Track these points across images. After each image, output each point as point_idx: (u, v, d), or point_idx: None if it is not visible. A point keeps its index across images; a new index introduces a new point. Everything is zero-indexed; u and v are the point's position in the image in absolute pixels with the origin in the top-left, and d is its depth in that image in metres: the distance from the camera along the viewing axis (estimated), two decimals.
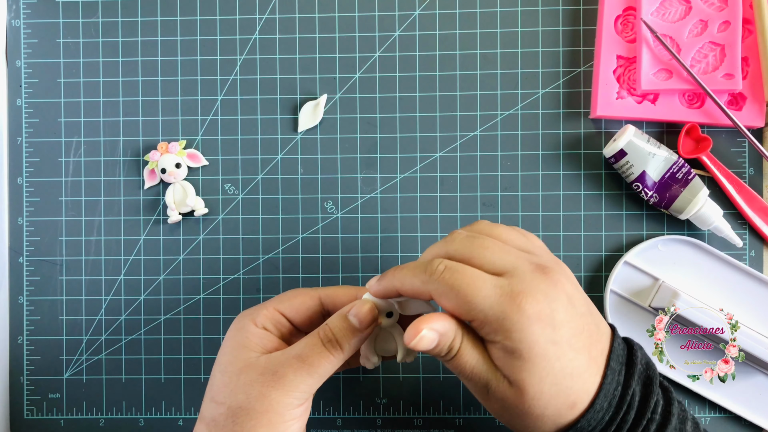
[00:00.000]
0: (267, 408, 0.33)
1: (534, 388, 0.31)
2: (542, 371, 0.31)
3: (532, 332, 0.30)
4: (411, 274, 0.33)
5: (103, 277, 0.50)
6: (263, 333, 0.36)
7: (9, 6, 0.51)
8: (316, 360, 0.34)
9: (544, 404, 0.31)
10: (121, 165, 0.50)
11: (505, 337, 0.31)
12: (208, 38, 0.50)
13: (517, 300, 0.31)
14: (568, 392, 0.31)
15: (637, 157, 0.45)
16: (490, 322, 0.31)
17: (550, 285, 0.32)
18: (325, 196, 0.49)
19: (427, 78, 0.49)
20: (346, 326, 0.35)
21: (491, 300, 0.31)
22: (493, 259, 0.33)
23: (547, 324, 0.31)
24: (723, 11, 0.46)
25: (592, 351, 0.32)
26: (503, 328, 0.31)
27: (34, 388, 0.50)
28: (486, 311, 0.31)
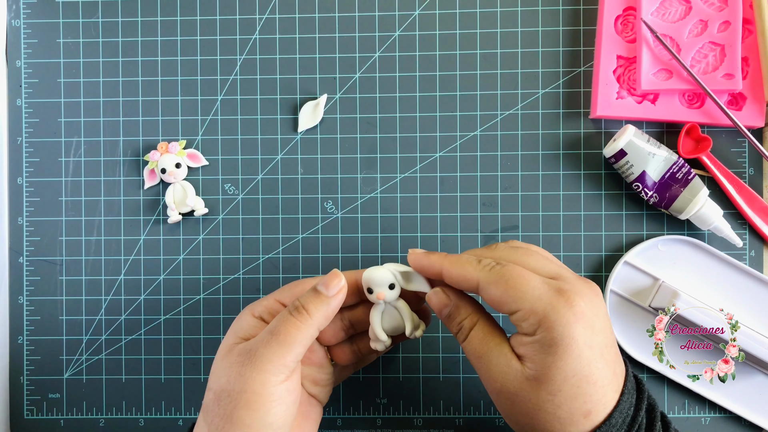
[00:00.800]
0: (243, 387, 0.33)
1: (555, 384, 0.31)
2: (570, 370, 0.31)
3: (575, 329, 0.31)
4: (463, 260, 0.34)
5: (103, 277, 0.50)
6: (257, 322, 0.37)
7: (9, 6, 0.51)
8: (283, 329, 0.34)
9: (559, 403, 0.31)
10: (121, 165, 0.50)
11: (548, 329, 0.31)
12: (208, 38, 0.50)
13: (566, 296, 0.32)
14: (586, 398, 0.32)
15: (637, 157, 0.45)
16: (536, 312, 0.31)
17: (594, 293, 0.33)
18: (325, 196, 0.49)
19: (427, 78, 0.49)
20: (314, 294, 0.35)
21: (540, 292, 0.32)
22: (537, 266, 0.34)
23: (588, 326, 0.31)
24: (723, 11, 0.46)
25: (616, 368, 0.33)
26: (548, 320, 0.31)
27: (34, 388, 0.50)
28: (534, 302, 0.32)
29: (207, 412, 0.34)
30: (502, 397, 0.33)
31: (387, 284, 0.36)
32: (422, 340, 0.49)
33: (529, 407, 0.32)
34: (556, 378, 0.31)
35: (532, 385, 0.32)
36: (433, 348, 0.49)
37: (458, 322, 0.35)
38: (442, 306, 0.36)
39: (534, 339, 0.32)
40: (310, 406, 0.39)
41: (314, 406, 0.39)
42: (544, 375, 0.31)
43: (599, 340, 0.32)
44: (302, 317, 0.34)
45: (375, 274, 0.36)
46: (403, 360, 0.49)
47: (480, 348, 0.34)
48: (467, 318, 0.35)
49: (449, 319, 0.36)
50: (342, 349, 0.40)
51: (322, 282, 0.35)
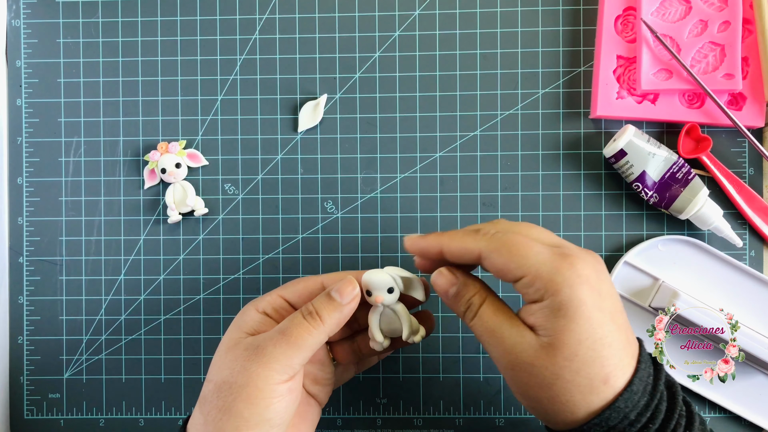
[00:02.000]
0: (247, 381, 0.33)
1: (570, 349, 0.31)
2: (584, 333, 0.31)
3: (582, 291, 0.31)
4: (461, 233, 0.34)
5: (103, 277, 0.50)
6: (261, 317, 0.37)
7: (9, 6, 0.51)
8: (295, 331, 0.34)
9: (577, 368, 0.31)
10: (121, 165, 0.50)
11: (555, 293, 0.31)
12: (208, 38, 0.50)
13: (569, 260, 0.31)
14: (604, 362, 0.31)
15: (637, 157, 0.45)
16: (542, 277, 0.31)
17: (596, 260, 0.33)
18: (325, 196, 0.49)
19: (427, 78, 0.49)
20: (328, 300, 0.35)
21: (544, 256, 0.32)
22: (540, 236, 0.34)
23: (594, 290, 0.31)
24: (723, 11, 0.46)
25: (629, 335, 0.33)
26: (554, 283, 0.31)
27: (34, 388, 0.50)
28: (538, 266, 0.31)
29: (204, 402, 0.34)
30: (519, 371, 0.32)
31: (386, 288, 0.36)
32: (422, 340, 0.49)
33: (546, 377, 0.31)
34: (571, 342, 0.31)
35: (548, 353, 0.31)
36: (433, 348, 0.49)
37: (467, 300, 0.35)
38: (449, 285, 0.35)
39: (542, 305, 0.31)
40: (308, 406, 0.39)
41: (312, 406, 0.39)
42: (558, 340, 0.31)
43: (608, 304, 0.32)
44: (315, 323, 0.35)
45: (374, 277, 0.36)
46: (403, 360, 0.49)
47: (492, 322, 0.33)
48: (476, 294, 0.35)
49: (456, 298, 0.35)
50: (343, 346, 0.40)
51: (336, 289, 0.35)
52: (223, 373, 0.34)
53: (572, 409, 0.31)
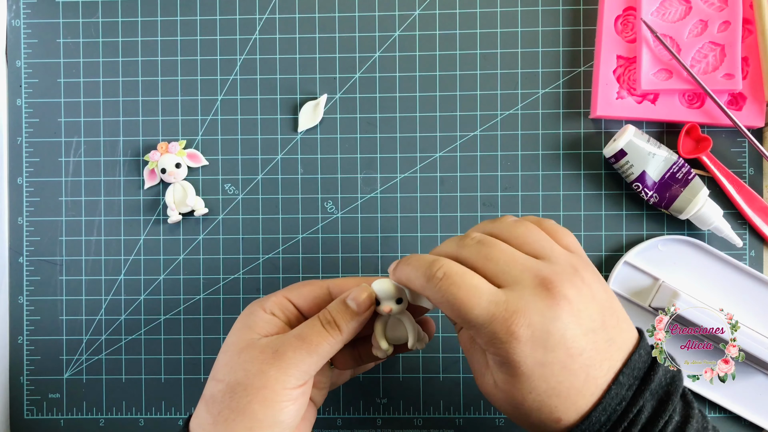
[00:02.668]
0: (264, 384, 0.33)
1: (519, 397, 0.32)
2: (526, 388, 0.31)
3: (519, 353, 0.30)
4: (415, 274, 0.34)
5: (103, 277, 0.50)
6: (270, 318, 0.37)
7: (9, 6, 0.51)
8: (315, 339, 0.34)
9: (527, 411, 0.32)
10: (121, 165, 0.50)
11: (495, 352, 0.31)
12: (208, 38, 0.50)
13: (510, 321, 0.30)
14: (552, 410, 0.32)
15: (637, 157, 0.45)
16: (482, 336, 0.31)
17: (550, 304, 0.31)
18: (325, 196, 0.49)
19: (427, 78, 0.49)
20: (345, 309, 0.36)
21: (484, 317, 0.31)
22: (496, 271, 0.32)
23: (538, 345, 0.30)
24: (723, 11, 0.46)
25: (593, 371, 0.31)
26: (493, 344, 0.31)
27: (34, 388, 0.50)
28: (478, 327, 0.31)
29: (214, 403, 0.34)
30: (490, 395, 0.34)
31: (395, 298, 0.36)
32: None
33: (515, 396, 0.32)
34: (516, 394, 0.32)
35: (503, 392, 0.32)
36: (433, 348, 0.49)
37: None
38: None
39: (490, 354, 0.32)
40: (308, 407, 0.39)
41: (310, 407, 0.40)
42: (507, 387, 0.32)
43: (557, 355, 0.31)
44: (334, 331, 0.35)
45: (384, 287, 0.36)
46: (403, 360, 0.49)
47: (465, 346, 0.35)
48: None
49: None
50: (343, 353, 0.40)
51: (351, 297, 0.36)
52: (237, 374, 0.34)
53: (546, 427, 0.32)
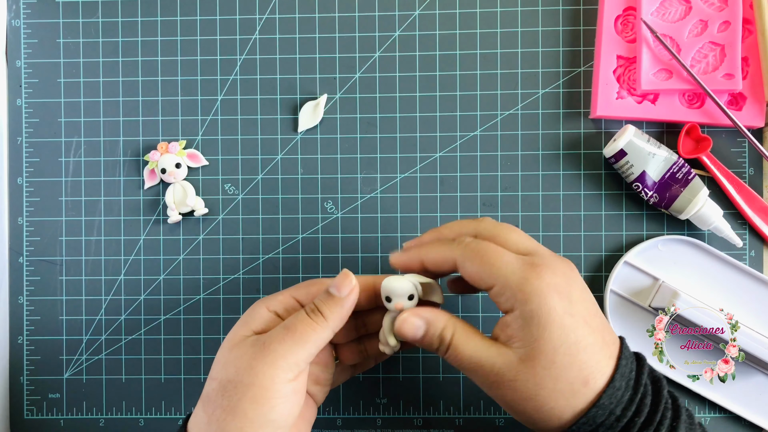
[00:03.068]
0: (253, 380, 0.33)
1: (547, 357, 0.31)
2: (557, 339, 0.32)
3: (551, 299, 0.32)
4: (438, 244, 0.35)
5: (103, 277, 0.50)
6: (272, 317, 0.37)
7: (9, 6, 0.51)
8: (300, 328, 0.34)
9: (556, 375, 0.32)
10: (121, 165, 0.50)
11: (525, 302, 0.32)
12: (208, 38, 0.50)
13: (538, 269, 0.33)
14: (582, 366, 0.32)
15: (637, 157, 0.45)
16: (511, 286, 0.32)
17: (568, 267, 0.34)
18: (325, 196, 0.49)
19: (427, 78, 0.49)
20: (328, 297, 0.35)
21: (513, 266, 0.33)
22: (516, 240, 0.35)
23: (564, 296, 0.32)
24: (723, 11, 0.46)
25: (606, 336, 0.33)
26: (523, 292, 0.32)
27: (34, 388, 0.50)
28: (508, 275, 0.33)
29: (208, 402, 0.34)
30: (503, 389, 0.33)
31: (407, 295, 0.36)
32: None
33: (530, 389, 0.32)
34: (546, 350, 0.32)
35: (527, 365, 0.32)
36: None
37: (438, 336, 0.35)
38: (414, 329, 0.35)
39: (515, 315, 0.32)
40: (307, 405, 0.39)
41: (310, 406, 0.39)
42: (534, 350, 0.32)
43: (580, 309, 0.33)
44: (318, 319, 0.35)
45: (396, 284, 0.36)
46: (403, 360, 0.49)
47: (467, 350, 0.34)
48: (444, 328, 0.35)
49: (426, 338, 0.35)
50: (350, 348, 0.40)
51: (333, 285, 0.36)
52: (228, 371, 0.34)
53: (558, 414, 0.32)
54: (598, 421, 0.32)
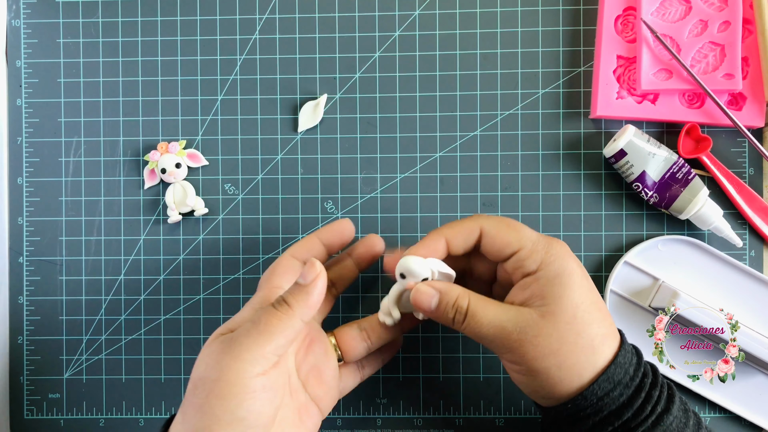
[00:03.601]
0: (219, 375, 0.32)
1: (569, 312, 0.34)
2: (578, 297, 0.34)
3: (571, 262, 0.35)
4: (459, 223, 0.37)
5: (103, 277, 0.50)
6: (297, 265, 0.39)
7: (9, 6, 0.51)
8: (265, 319, 0.33)
9: (577, 330, 0.34)
10: (121, 165, 0.50)
11: (550, 263, 0.35)
12: (208, 38, 0.50)
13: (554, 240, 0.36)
14: (600, 323, 0.35)
15: (637, 157, 0.45)
16: (538, 249, 0.35)
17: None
18: (325, 196, 0.49)
19: (427, 78, 0.49)
20: (296, 286, 0.35)
21: (535, 234, 0.36)
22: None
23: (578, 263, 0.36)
24: (723, 11, 0.46)
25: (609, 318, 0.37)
26: (549, 254, 0.35)
27: (34, 388, 0.50)
28: (533, 239, 0.36)
29: (184, 401, 0.34)
30: (525, 346, 0.34)
31: (422, 278, 0.36)
32: (422, 340, 0.49)
33: (552, 343, 0.33)
34: (569, 306, 0.34)
35: (549, 320, 0.33)
36: (433, 348, 0.49)
37: (453, 305, 0.36)
38: (430, 296, 0.36)
39: (538, 276, 0.35)
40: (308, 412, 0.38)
41: (312, 414, 0.38)
42: (557, 306, 0.34)
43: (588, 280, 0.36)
44: (283, 308, 0.34)
45: (414, 266, 0.36)
46: (403, 360, 0.49)
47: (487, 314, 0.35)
48: (459, 296, 0.36)
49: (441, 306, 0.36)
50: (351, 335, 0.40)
51: (301, 274, 0.35)
52: (199, 368, 0.33)
53: (580, 371, 0.34)
54: (617, 379, 0.34)
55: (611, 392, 0.34)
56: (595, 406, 0.34)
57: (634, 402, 0.34)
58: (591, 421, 0.34)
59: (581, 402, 0.34)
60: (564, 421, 0.35)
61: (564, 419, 0.35)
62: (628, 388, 0.34)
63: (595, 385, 0.34)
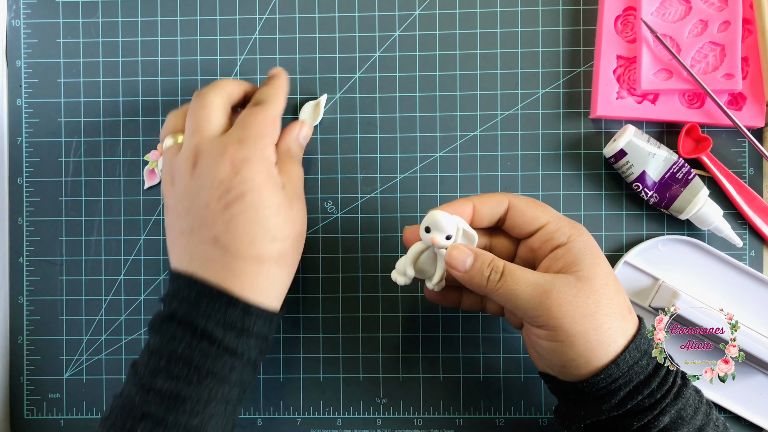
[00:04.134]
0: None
1: (603, 279, 0.35)
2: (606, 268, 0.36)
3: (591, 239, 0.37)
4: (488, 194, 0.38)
5: (103, 277, 0.50)
6: None
7: (9, 6, 0.51)
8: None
9: (611, 296, 0.35)
10: (121, 165, 0.50)
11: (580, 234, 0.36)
12: (208, 38, 0.50)
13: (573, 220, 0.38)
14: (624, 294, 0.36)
15: (637, 157, 0.45)
16: (566, 222, 0.37)
17: None
18: (325, 196, 0.49)
19: (427, 78, 0.49)
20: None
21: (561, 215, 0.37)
22: None
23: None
24: (723, 11, 0.46)
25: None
26: (576, 227, 0.36)
27: (34, 388, 0.50)
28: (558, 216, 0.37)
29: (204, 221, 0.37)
30: (564, 306, 0.34)
31: (447, 233, 0.36)
32: (422, 339, 0.49)
33: (590, 305, 0.34)
34: (602, 274, 0.35)
35: (586, 284, 0.34)
36: (433, 348, 0.49)
37: (488, 264, 0.36)
38: (465, 255, 0.36)
39: (569, 246, 0.36)
40: None
41: None
42: (593, 272, 0.35)
43: None
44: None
45: (441, 219, 0.36)
46: (403, 360, 0.49)
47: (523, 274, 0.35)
48: (494, 258, 0.36)
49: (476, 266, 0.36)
50: None
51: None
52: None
53: (614, 336, 0.34)
54: (643, 349, 0.35)
55: (640, 360, 0.35)
56: (627, 375, 0.34)
57: (659, 371, 0.35)
58: (621, 393, 0.34)
59: (614, 371, 0.34)
60: (592, 396, 0.35)
61: (593, 394, 0.35)
62: (653, 358, 0.35)
63: (626, 353, 0.34)
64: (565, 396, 0.38)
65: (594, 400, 0.35)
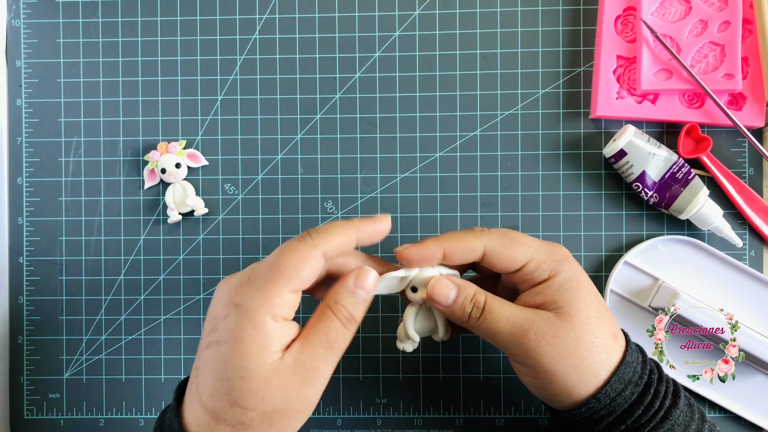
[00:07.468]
0: (305, 406, 0.33)
1: (583, 314, 0.34)
2: (590, 299, 0.35)
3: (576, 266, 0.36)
4: (459, 233, 0.36)
5: (103, 277, 0.50)
6: (284, 326, 0.33)
7: (9, 6, 0.51)
8: (340, 341, 0.34)
9: (592, 330, 0.34)
10: (121, 165, 0.50)
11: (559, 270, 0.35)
12: (208, 38, 0.50)
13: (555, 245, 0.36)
14: (610, 322, 0.36)
15: (637, 157, 0.45)
16: (545, 259, 0.35)
17: None
18: (325, 196, 0.49)
19: (427, 78, 0.49)
20: (356, 300, 0.34)
21: (538, 244, 0.36)
22: None
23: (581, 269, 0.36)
24: (723, 11, 0.46)
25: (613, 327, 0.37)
26: (556, 261, 0.35)
27: (34, 388, 0.50)
28: (540, 249, 0.35)
29: (248, 430, 0.32)
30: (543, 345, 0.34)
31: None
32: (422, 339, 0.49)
33: (569, 343, 0.34)
34: (582, 308, 0.34)
35: (565, 321, 0.34)
36: (433, 348, 0.49)
37: (470, 299, 0.35)
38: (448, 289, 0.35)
39: (549, 284, 0.35)
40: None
41: None
42: (572, 308, 0.34)
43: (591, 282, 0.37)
44: (353, 325, 0.35)
45: (429, 275, 0.36)
46: (403, 360, 0.49)
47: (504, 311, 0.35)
48: (477, 292, 0.35)
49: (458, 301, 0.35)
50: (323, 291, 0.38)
51: (360, 286, 0.34)
52: (275, 402, 0.32)
53: (596, 371, 0.34)
54: (627, 378, 0.34)
55: (623, 392, 0.34)
56: (609, 407, 0.34)
57: (644, 399, 0.34)
58: (605, 422, 0.35)
59: (595, 404, 0.34)
60: (577, 424, 0.36)
61: (578, 422, 0.36)
62: (638, 386, 0.35)
63: (608, 387, 0.34)
64: (554, 415, 0.38)
65: (580, 426, 0.36)
